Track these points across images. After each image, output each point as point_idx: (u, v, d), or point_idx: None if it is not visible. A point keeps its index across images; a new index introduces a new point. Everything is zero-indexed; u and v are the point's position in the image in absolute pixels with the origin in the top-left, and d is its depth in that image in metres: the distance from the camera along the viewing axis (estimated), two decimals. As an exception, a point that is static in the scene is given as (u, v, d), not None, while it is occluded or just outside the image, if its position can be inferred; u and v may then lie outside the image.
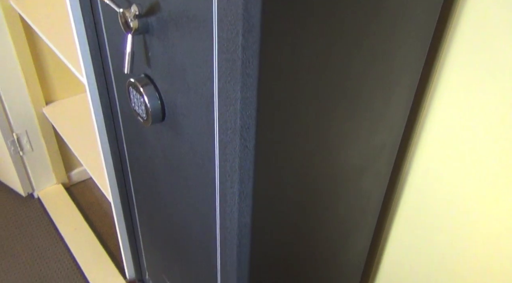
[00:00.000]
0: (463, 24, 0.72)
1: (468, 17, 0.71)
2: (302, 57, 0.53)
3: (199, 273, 0.90)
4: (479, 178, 0.80)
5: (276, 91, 0.54)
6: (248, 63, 0.50)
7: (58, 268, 1.48)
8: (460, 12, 0.72)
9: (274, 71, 0.52)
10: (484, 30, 0.69)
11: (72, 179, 1.81)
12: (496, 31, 0.68)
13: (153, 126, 0.81)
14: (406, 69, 0.69)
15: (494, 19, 0.68)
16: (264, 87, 0.52)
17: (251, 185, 0.60)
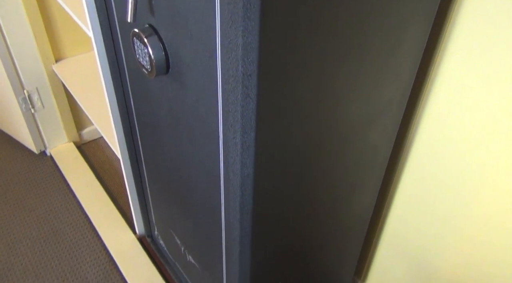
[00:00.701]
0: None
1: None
2: (306, 2, 0.51)
3: (205, 226, 0.92)
4: (490, 135, 0.78)
5: (278, 37, 0.52)
6: (249, 6, 0.48)
7: (70, 223, 1.53)
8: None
9: (276, 15, 0.50)
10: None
11: (83, 138, 1.83)
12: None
13: (158, 79, 0.81)
14: (414, 21, 0.66)
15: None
16: (266, 32, 0.51)
17: (253, 135, 0.60)
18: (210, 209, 0.84)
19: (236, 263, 0.83)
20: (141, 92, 0.93)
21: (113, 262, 1.41)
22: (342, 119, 0.70)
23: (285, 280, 0.96)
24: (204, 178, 0.81)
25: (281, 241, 0.84)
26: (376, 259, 1.22)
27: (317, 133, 0.69)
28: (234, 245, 0.80)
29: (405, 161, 0.97)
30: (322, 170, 0.76)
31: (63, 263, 1.40)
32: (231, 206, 0.73)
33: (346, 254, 1.10)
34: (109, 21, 0.92)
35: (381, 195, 1.08)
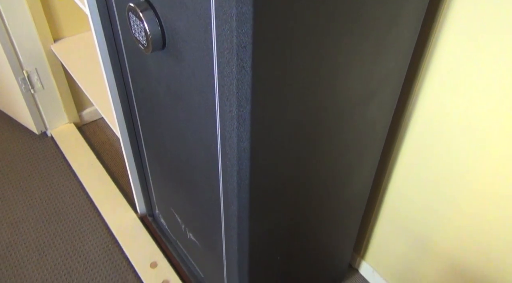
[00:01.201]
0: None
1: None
2: (302, -29, 0.51)
3: (204, 203, 0.92)
4: (490, 108, 0.78)
5: (273, 7, 0.52)
6: (243, -26, 0.47)
7: (72, 203, 1.54)
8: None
9: (271, -16, 0.50)
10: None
11: (84, 119, 1.83)
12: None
13: (154, 55, 0.80)
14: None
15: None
16: (261, 1, 0.50)
17: (249, 109, 0.60)
18: (209, 185, 0.85)
19: (235, 239, 0.84)
20: (138, 69, 0.92)
21: (115, 240, 1.42)
22: (340, 93, 0.69)
23: (284, 256, 0.97)
24: (203, 154, 0.81)
25: (279, 216, 0.84)
26: (375, 235, 1.23)
27: (315, 107, 0.68)
28: (232, 220, 0.80)
29: (403, 136, 0.97)
30: (320, 145, 0.76)
31: (66, 242, 1.42)
32: (229, 181, 0.74)
33: (345, 230, 1.10)
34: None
35: (380, 171, 1.08)
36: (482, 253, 0.92)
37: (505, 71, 0.72)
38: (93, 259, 1.38)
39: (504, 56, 0.71)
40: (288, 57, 0.58)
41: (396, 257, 1.19)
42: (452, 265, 1.02)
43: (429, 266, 1.09)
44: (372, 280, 1.33)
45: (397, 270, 1.21)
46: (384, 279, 1.28)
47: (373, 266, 1.30)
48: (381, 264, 1.27)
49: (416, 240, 1.09)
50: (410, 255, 1.13)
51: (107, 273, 1.34)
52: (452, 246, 0.99)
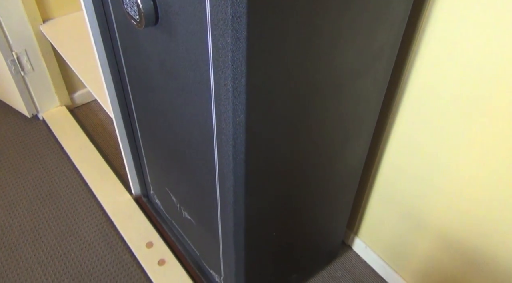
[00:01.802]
0: None
1: None
2: None
3: (199, 180, 0.93)
4: (483, 80, 0.79)
5: (268, -24, 0.51)
6: None
7: (66, 185, 1.54)
8: None
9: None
10: None
11: (75, 102, 1.82)
12: None
13: (147, 31, 0.79)
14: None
15: None
16: (255, -29, 0.50)
17: (244, 81, 0.60)
18: (204, 162, 0.85)
19: (231, 214, 0.84)
20: (131, 47, 0.92)
21: (111, 222, 1.43)
22: (335, 65, 0.70)
23: (279, 231, 0.98)
24: (197, 130, 0.81)
25: (274, 191, 0.85)
26: (368, 212, 1.24)
27: (310, 80, 0.68)
28: (228, 196, 0.81)
29: (397, 110, 0.97)
30: (315, 119, 0.77)
31: (61, 224, 1.42)
32: (224, 156, 0.74)
33: (339, 206, 1.12)
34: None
35: (373, 146, 1.09)
36: (473, 227, 0.94)
37: (498, 43, 0.73)
38: (89, 240, 1.38)
39: (497, 27, 0.72)
40: (283, 27, 0.58)
41: (388, 233, 1.21)
42: (444, 239, 1.04)
43: (421, 241, 1.11)
44: (365, 256, 1.35)
45: (389, 246, 1.23)
46: (376, 255, 1.30)
47: (366, 242, 1.32)
48: (373, 240, 1.29)
49: (408, 216, 1.11)
50: (402, 231, 1.15)
51: (103, 253, 1.35)
52: (444, 221, 1.01)
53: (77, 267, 1.31)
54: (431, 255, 1.10)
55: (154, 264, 1.30)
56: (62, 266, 1.31)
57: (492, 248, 0.93)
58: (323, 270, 1.33)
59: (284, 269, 1.14)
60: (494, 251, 0.93)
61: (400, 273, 1.24)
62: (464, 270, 1.03)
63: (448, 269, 1.07)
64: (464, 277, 1.03)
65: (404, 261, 1.21)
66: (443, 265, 1.08)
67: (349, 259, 1.36)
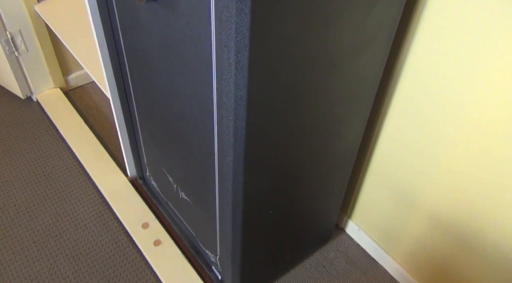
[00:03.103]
0: None
1: None
2: None
3: (198, 159, 0.93)
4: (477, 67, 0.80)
5: None
6: None
7: (61, 166, 1.54)
8: None
9: None
10: None
11: (70, 84, 1.81)
12: None
13: (148, 7, 0.79)
14: None
15: None
16: None
17: (247, 54, 0.61)
18: (203, 138, 0.86)
19: (229, 191, 0.85)
20: (130, 24, 0.91)
21: (106, 203, 1.43)
22: (333, 41, 0.70)
23: (275, 210, 0.99)
24: (197, 107, 0.81)
25: (273, 168, 0.86)
26: (361, 194, 1.26)
27: (309, 56, 0.69)
28: (227, 173, 0.82)
29: (393, 92, 0.99)
30: (313, 95, 0.78)
31: (56, 204, 1.43)
32: (225, 132, 0.75)
33: (334, 188, 1.13)
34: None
35: (369, 128, 1.10)
36: (464, 209, 0.96)
37: (498, 24, 0.74)
38: (84, 221, 1.39)
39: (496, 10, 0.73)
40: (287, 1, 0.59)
41: (381, 215, 1.23)
42: (435, 221, 1.06)
43: (413, 223, 1.13)
44: (357, 238, 1.37)
45: (382, 228, 1.26)
46: (369, 237, 1.32)
47: (359, 224, 1.34)
48: (366, 222, 1.31)
49: (401, 199, 1.13)
50: (395, 213, 1.17)
51: (99, 234, 1.35)
52: (436, 202, 1.03)
53: (72, 247, 1.32)
54: (423, 237, 1.12)
55: (150, 245, 1.31)
56: (57, 246, 1.32)
57: (482, 229, 0.95)
58: (316, 252, 1.35)
59: (279, 249, 1.16)
60: (484, 232, 0.95)
61: (392, 255, 1.27)
62: (454, 251, 1.05)
63: (439, 250, 1.10)
64: (454, 258, 1.06)
65: (396, 243, 1.23)
66: (434, 246, 1.10)
67: (342, 241, 1.38)
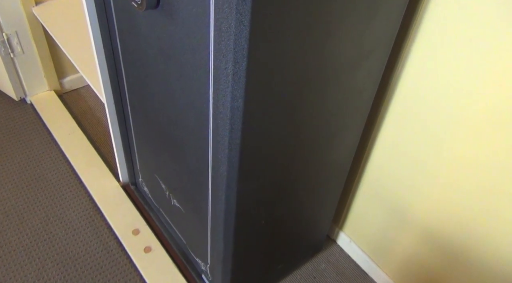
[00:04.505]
0: None
1: None
2: None
3: (191, 166, 0.93)
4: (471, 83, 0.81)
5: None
6: None
7: (53, 170, 1.52)
8: None
9: None
10: None
11: (65, 87, 1.80)
12: None
13: (147, 14, 0.80)
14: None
15: None
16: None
17: (245, 65, 0.61)
18: (198, 147, 0.86)
19: (222, 200, 0.85)
20: (128, 30, 0.92)
21: (97, 208, 1.42)
22: (331, 55, 0.71)
23: (267, 220, 0.99)
24: (193, 115, 0.81)
25: (266, 178, 0.86)
26: (353, 206, 1.27)
27: (307, 69, 0.70)
28: (221, 182, 0.82)
29: (387, 106, 0.99)
30: (309, 107, 0.78)
31: (46, 208, 1.41)
32: (220, 141, 0.75)
33: (326, 199, 1.14)
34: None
35: (362, 142, 1.11)
36: (455, 222, 0.97)
37: (491, 41, 0.75)
38: (75, 226, 1.37)
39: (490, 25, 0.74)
40: (284, 13, 0.59)
41: (372, 228, 1.23)
42: (426, 235, 1.06)
43: (403, 236, 1.14)
44: (348, 250, 1.37)
45: (373, 240, 1.26)
46: (360, 249, 1.32)
47: (350, 236, 1.35)
48: (358, 235, 1.31)
49: (392, 212, 1.13)
50: (386, 226, 1.18)
51: (89, 239, 1.34)
52: (427, 217, 1.04)
53: (62, 252, 1.30)
54: (413, 250, 1.13)
55: (140, 251, 1.30)
56: (46, 250, 1.30)
57: (472, 244, 0.96)
58: (307, 262, 1.35)
59: (270, 259, 1.16)
60: (473, 247, 0.96)
61: (382, 267, 1.27)
62: (444, 265, 1.05)
63: (428, 264, 1.10)
64: (444, 272, 1.06)
65: (387, 256, 1.23)
66: (424, 260, 1.10)
67: (333, 252, 1.38)
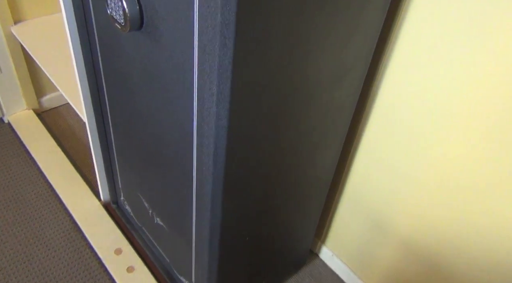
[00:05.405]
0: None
1: None
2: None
3: (175, 185, 0.94)
4: (448, 97, 0.84)
5: (257, -13, 0.55)
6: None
7: (32, 190, 1.50)
8: None
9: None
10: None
11: (43, 106, 1.78)
12: None
13: (131, 35, 0.81)
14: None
15: None
16: (246, -19, 0.53)
17: (229, 85, 0.62)
18: (182, 165, 0.86)
19: (207, 218, 0.86)
20: (111, 50, 0.92)
21: (78, 228, 1.40)
22: (312, 74, 0.73)
23: (251, 237, 1.00)
24: (177, 134, 0.82)
25: (250, 196, 0.87)
26: (335, 220, 1.28)
27: (289, 88, 0.72)
28: (206, 200, 0.83)
29: (366, 121, 1.02)
30: (292, 124, 0.80)
31: (25, 230, 1.38)
32: (205, 160, 0.76)
33: (309, 214, 1.15)
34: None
35: (343, 157, 1.13)
36: (434, 237, 1.00)
37: (464, 58, 0.79)
38: (55, 247, 1.35)
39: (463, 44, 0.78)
40: (266, 34, 0.61)
41: (355, 241, 1.25)
42: (407, 247, 1.09)
43: (385, 249, 1.16)
44: (331, 264, 1.39)
45: (355, 254, 1.27)
46: (343, 263, 1.34)
47: (332, 250, 1.36)
48: (340, 249, 1.33)
49: (374, 225, 1.15)
50: (368, 239, 1.20)
51: (70, 260, 1.32)
52: (408, 229, 1.06)
53: (42, 274, 1.27)
54: (396, 263, 1.15)
55: (123, 271, 1.29)
56: (26, 273, 1.27)
57: (453, 255, 0.98)
58: (291, 278, 1.36)
59: (254, 276, 1.16)
60: (453, 257, 0.98)
61: (364, 280, 1.29)
62: (426, 278, 1.08)
63: (411, 277, 1.12)
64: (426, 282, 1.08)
65: (370, 269, 1.25)
66: (407, 273, 1.12)
67: (316, 267, 1.39)
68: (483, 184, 0.85)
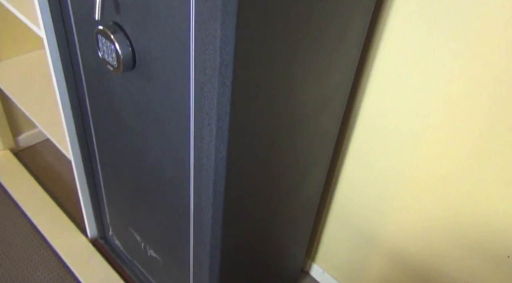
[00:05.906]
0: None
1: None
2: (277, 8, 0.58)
3: (170, 217, 0.95)
4: (421, 116, 0.90)
5: (252, 29, 0.58)
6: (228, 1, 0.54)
7: (15, 232, 1.46)
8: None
9: (249, 14, 0.56)
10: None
11: (20, 144, 1.75)
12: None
13: (122, 75, 0.83)
14: (356, 13, 0.76)
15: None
16: (242, 25, 0.57)
17: (228, 120, 0.66)
18: (177, 197, 0.88)
19: (207, 247, 0.87)
20: (99, 89, 0.94)
21: (67, 267, 1.38)
22: (301, 103, 0.77)
23: (249, 261, 1.02)
24: (171, 167, 0.84)
25: (247, 223, 0.90)
26: (324, 238, 1.32)
27: (278, 118, 0.76)
28: (205, 229, 0.84)
29: (348, 143, 1.07)
30: (283, 151, 0.83)
31: (12, 274, 1.35)
32: (204, 192, 0.78)
33: (299, 235, 1.18)
34: (63, 19, 0.92)
35: (329, 177, 1.18)
36: (421, 246, 1.04)
37: (433, 84, 0.85)
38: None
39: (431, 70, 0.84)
40: (260, 73, 0.65)
41: (344, 257, 1.28)
42: (396, 260, 1.13)
43: (375, 262, 1.20)
44: (322, 280, 1.41)
45: (345, 269, 1.31)
46: (334, 279, 1.37)
47: (323, 267, 1.39)
48: (330, 265, 1.36)
49: (362, 239, 1.19)
50: (357, 253, 1.23)
51: (61, 301, 1.29)
52: (395, 242, 1.10)
53: (33, 319, 1.24)
54: (385, 276, 1.19)
55: (117, 307, 1.27)
56: (16, 318, 1.24)
57: (443, 264, 1.03)
58: (286, 298, 1.37)
59: (251, 299, 1.17)
60: (445, 266, 1.03)
61: (357, 293, 1.32)
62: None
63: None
64: (417, 290, 1.12)
65: (360, 282, 1.28)
66: (396, 282, 1.17)
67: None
68: (466, 192, 0.91)
